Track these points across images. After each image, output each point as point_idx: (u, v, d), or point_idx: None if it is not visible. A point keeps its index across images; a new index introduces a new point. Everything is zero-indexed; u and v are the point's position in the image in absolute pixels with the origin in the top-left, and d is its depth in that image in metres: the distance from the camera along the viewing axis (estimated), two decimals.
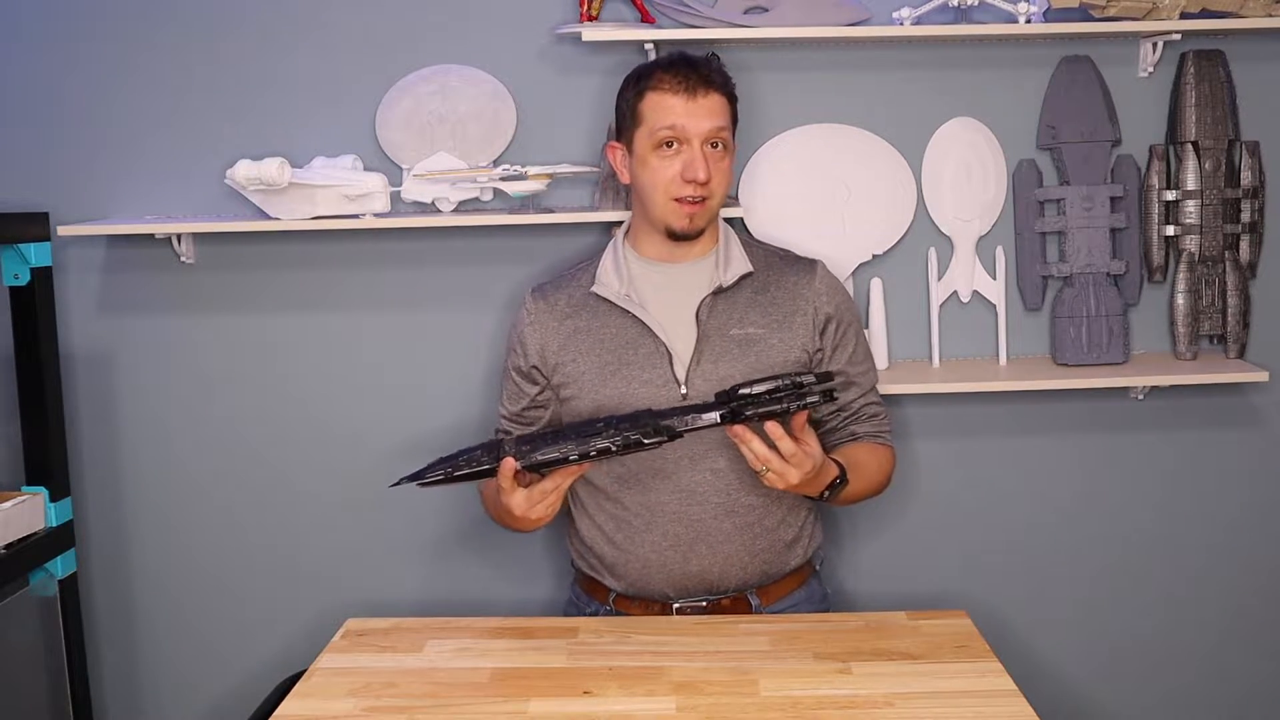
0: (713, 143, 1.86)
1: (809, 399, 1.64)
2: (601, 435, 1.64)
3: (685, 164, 1.84)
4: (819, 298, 1.94)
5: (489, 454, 1.68)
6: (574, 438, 1.65)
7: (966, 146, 2.27)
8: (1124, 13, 2.12)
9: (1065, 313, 2.27)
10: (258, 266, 2.29)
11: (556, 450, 1.65)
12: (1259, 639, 2.43)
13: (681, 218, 1.87)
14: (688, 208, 1.86)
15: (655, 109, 1.86)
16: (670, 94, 1.85)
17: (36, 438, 2.20)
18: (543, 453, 1.65)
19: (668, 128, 1.84)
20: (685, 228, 1.88)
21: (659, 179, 1.86)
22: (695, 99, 1.84)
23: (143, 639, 2.40)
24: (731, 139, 1.91)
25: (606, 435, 1.64)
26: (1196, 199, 2.26)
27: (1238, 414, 2.37)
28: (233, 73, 2.24)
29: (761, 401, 1.64)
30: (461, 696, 1.63)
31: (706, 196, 1.86)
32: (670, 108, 1.84)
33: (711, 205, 1.88)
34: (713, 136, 1.85)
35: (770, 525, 1.92)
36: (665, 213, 1.88)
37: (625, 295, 1.91)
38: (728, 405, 1.66)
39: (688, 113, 1.84)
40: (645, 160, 1.87)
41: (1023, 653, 2.36)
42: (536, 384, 1.96)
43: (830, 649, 1.74)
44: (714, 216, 1.91)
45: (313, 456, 2.35)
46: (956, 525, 2.38)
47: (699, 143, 1.84)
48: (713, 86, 1.86)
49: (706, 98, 1.85)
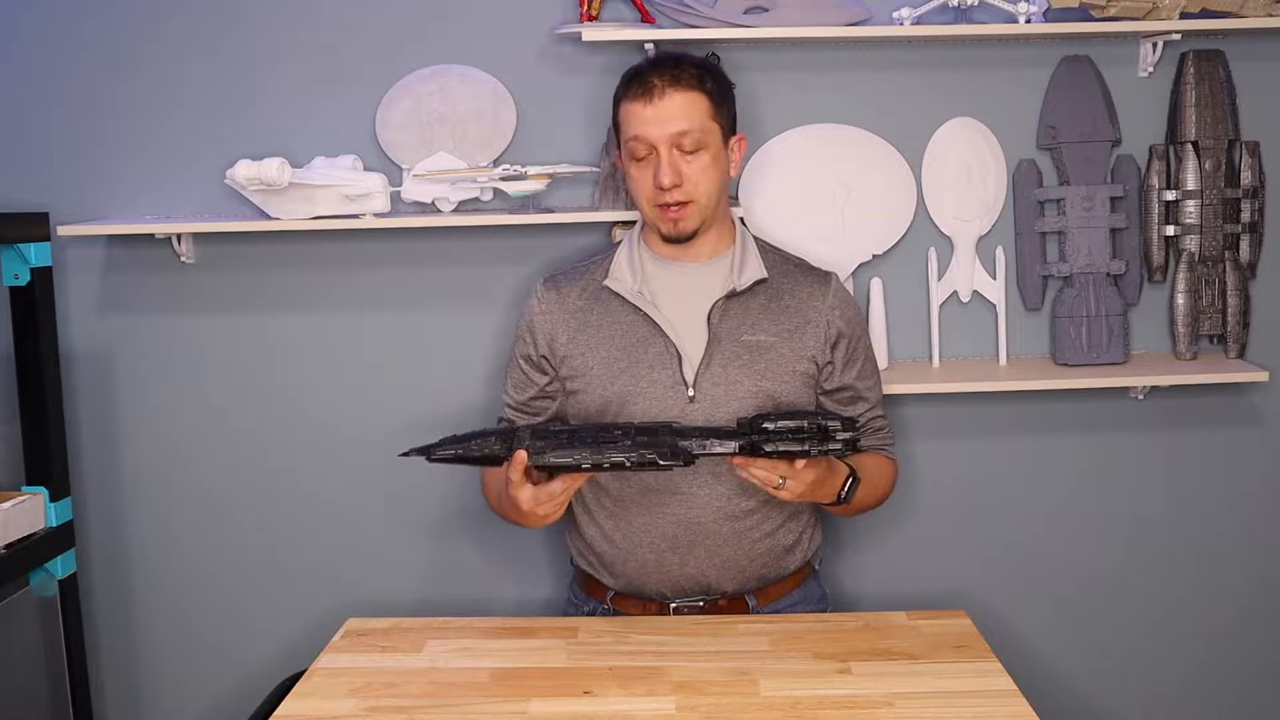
0: (680, 146, 1.83)
1: (832, 446, 1.64)
2: (618, 447, 1.63)
3: (655, 171, 1.83)
4: (832, 312, 1.93)
5: (502, 442, 1.67)
6: (590, 443, 1.64)
7: (966, 146, 2.27)
8: (1124, 13, 2.12)
9: (1065, 313, 2.27)
10: (258, 266, 2.29)
11: (571, 456, 1.64)
12: (1259, 639, 2.43)
13: (666, 223, 1.87)
14: (670, 213, 1.85)
15: (626, 119, 1.86)
16: (633, 102, 1.84)
17: (36, 438, 2.20)
18: (557, 455, 1.64)
19: (633, 138, 1.84)
20: (671, 232, 1.88)
21: (639, 189, 1.87)
22: (654, 103, 1.82)
23: (143, 639, 2.39)
24: (713, 135, 1.85)
25: (622, 449, 1.63)
26: (1196, 199, 2.26)
27: (1238, 414, 2.37)
28: (233, 73, 2.25)
29: (783, 439, 1.64)
30: (461, 696, 1.63)
31: (685, 200, 1.84)
32: (634, 116, 1.84)
33: (698, 206, 1.86)
34: (677, 140, 1.82)
35: (769, 530, 1.92)
36: (652, 220, 1.89)
37: (638, 292, 1.90)
38: (748, 437, 1.65)
39: (651, 119, 1.82)
40: (628, 170, 1.89)
41: (1023, 653, 2.36)
42: (545, 374, 1.96)
43: (830, 649, 1.74)
44: (706, 215, 1.88)
45: (313, 456, 2.35)
46: (956, 525, 2.38)
47: (665, 148, 1.82)
48: (677, 86, 1.82)
49: (668, 100, 1.82)
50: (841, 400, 1.95)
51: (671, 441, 1.65)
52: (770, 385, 1.87)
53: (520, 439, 1.66)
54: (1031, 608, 2.40)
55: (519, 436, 1.67)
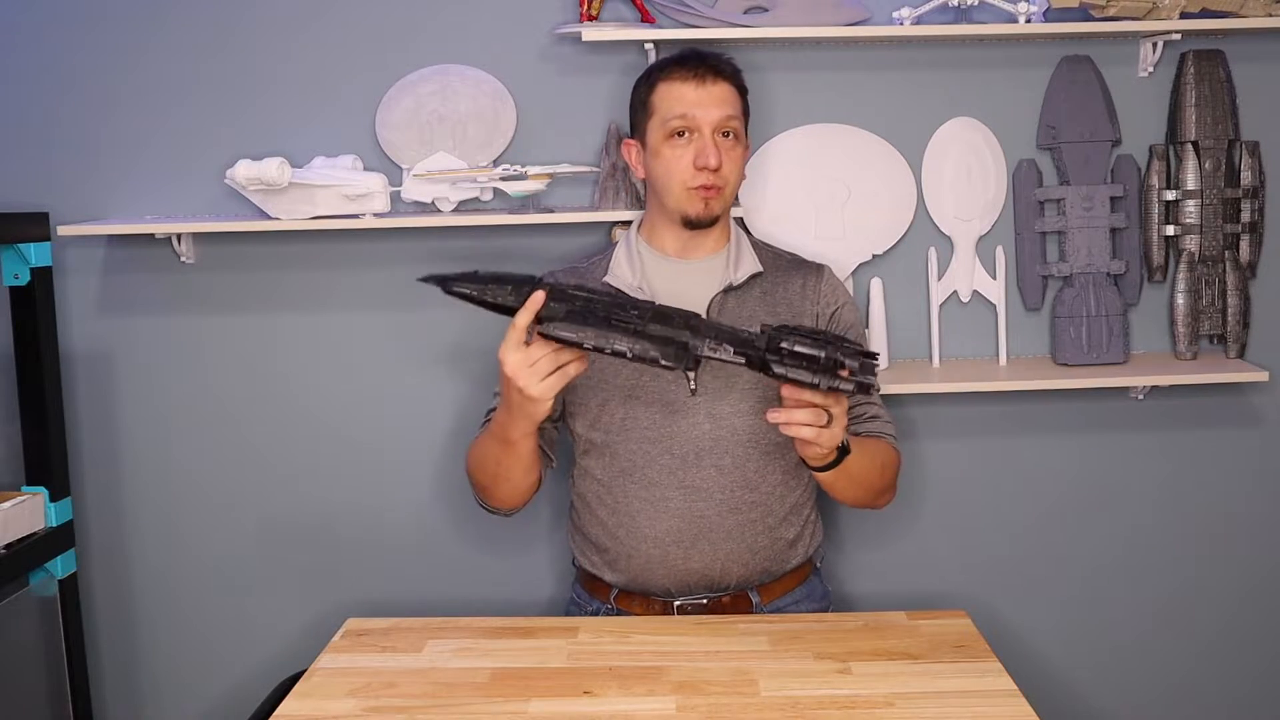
0: (724, 131, 1.88)
1: (841, 386, 1.55)
2: (626, 332, 1.58)
3: (698, 151, 1.86)
4: (823, 300, 1.96)
5: (518, 293, 1.63)
6: (602, 319, 1.59)
7: (966, 146, 2.27)
8: (1124, 12, 2.12)
9: (1065, 313, 2.27)
10: (258, 266, 2.29)
11: (575, 332, 1.59)
12: (1259, 639, 2.43)
13: (697, 203, 1.88)
14: (703, 193, 1.88)
15: (666, 98, 1.88)
16: (680, 82, 1.88)
17: (36, 438, 2.20)
18: (562, 327, 1.59)
19: (679, 116, 1.87)
20: (701, 213, 1.89)
21: (673, 168, 1.88)
22: (705, 86, 1.87)
23: (143, 639, 2.39)
24: (744, 131, 1.93)
25: (630, 334, 1.58)
26: (1196, 199, 2.26)
27: (1238, 414, 2.37)
28: (233, 73, 2.24)
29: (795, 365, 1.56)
30: (461, 696, 1.62)
31: (720, 185, 1.88)
32: (680, 96, 1.87)
33: (726, 193, 1.90)
34: (724, 125, 1.87)
35: (772, 524, 1.92)
36: (681, 201, 1.89)
37: (638, 287, 1.92)
38: (759, 351, 1.58)
39: (698, 101, 1.86)
40: (659, 151, 1.89)
41: (1023, 653, 2.36)
42: None
43: (830, 649, 1.74)
44: (728, 205, 1.94)
45: (313, 456, 2.34)
46: (957, 525, 2.38)
47: (710, 130, 1.86)
48: (723, 76, 1.89)
49: (716, 86, 1.88)
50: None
51: (680, 342, 1.59)
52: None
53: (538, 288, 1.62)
54: (1031, 608, 2.40)
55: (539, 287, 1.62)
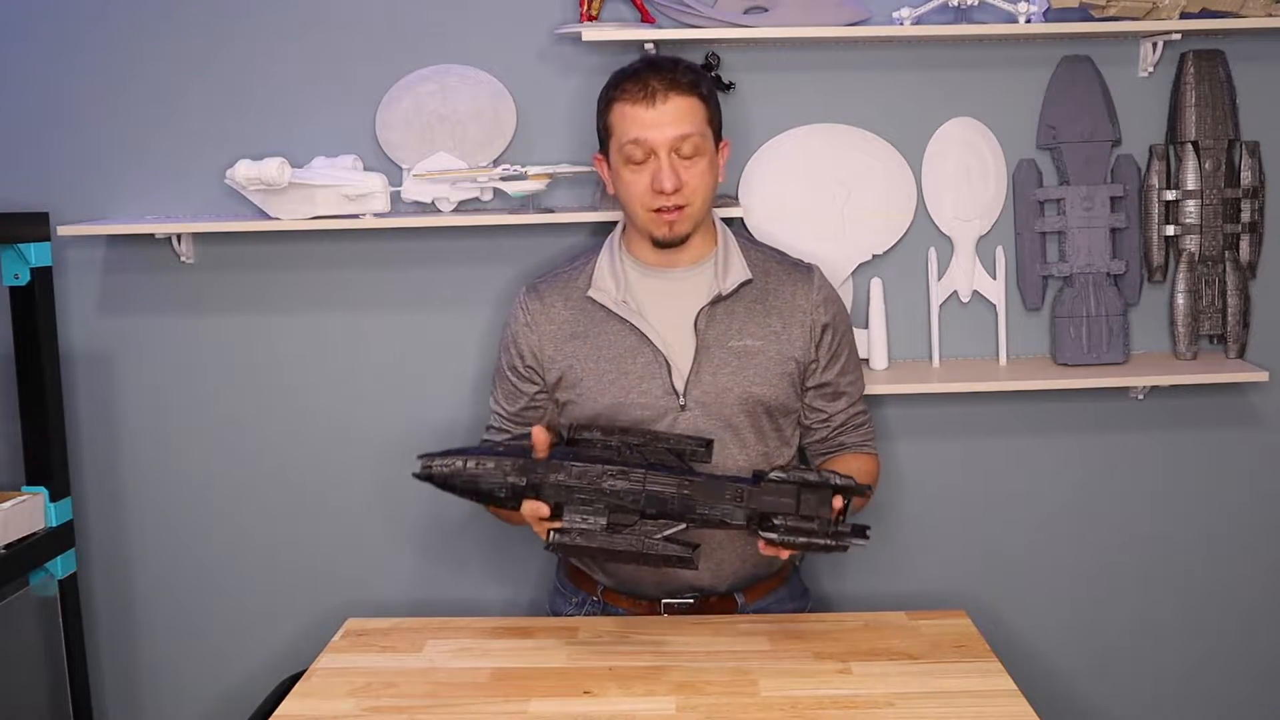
0: (680, 150, 1.82)
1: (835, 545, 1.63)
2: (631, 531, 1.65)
3: (653, 175, 1.81)
4: (816, 309, 1.92)
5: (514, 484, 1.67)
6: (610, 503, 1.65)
7: (966, 146, 2.27)
8: (1124, 13, 2.12)
9: (1065, 313, 2.27)
10: (258, 266, 2.29)
11: (585, 539, 1.64)
12: (1259, 638, 2.43)
13: (661, 226, 1.85)
14: (666, 216, 1.83)
15: (620, 121, 1.83)
16: (631, 104, 1.81)
17: (36, 438, 2.20)
18: (579, 530, 1.64)
19: (632, 141, 1.81)
20: (666, 235, 1.86)
21: (633, 192, 1.84)
22: (656, 106, 1.80)
23: (143, 639, 2.40)
24: (709, 140, 1.85)
25: (635, 535, 1.64)
26: (1196, 199, 2.26)
27: (1238, 414, 2.37)
28: (233, 73, 2.24)
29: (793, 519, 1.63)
30: (461, 696, 1.63)
31: (682, 204, 1.83)
32: (633, 119, 1.81)
33: (692, 211, 1.85)
34: (677, 144, 1.81)
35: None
36: (645, 223, 1.86)
37: (622, 302, 1.89)
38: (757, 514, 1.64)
39: (651, 123, 1.80)
40: (619, 174, 1.86)
41: (1023, 653, 2.36)
42: (534, 384, 1.96)
43: (830, 649, 1.74)
44: (698, 221, 1.88)
45: (313, 456, 2.35)
46: (956, 525, 2.38)
47: (665, 152, 1.81)
48: (677, 89, 1.81)
49: (669, 103, 1.80)
50: (824, 396, 1.95)
51: (687, 543, 1.65)
52: (759, 390, 1.88)
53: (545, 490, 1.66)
54: (1031, 608, 2.40)
55: (542, 488, 1.66)
